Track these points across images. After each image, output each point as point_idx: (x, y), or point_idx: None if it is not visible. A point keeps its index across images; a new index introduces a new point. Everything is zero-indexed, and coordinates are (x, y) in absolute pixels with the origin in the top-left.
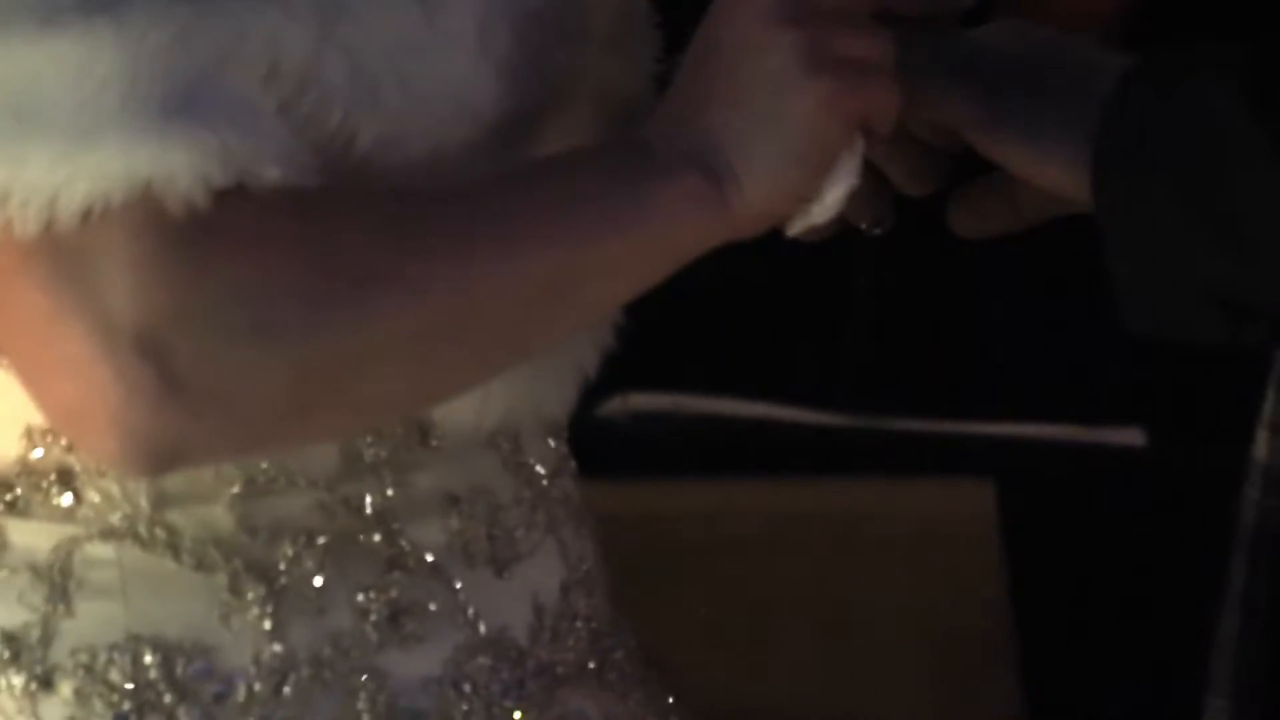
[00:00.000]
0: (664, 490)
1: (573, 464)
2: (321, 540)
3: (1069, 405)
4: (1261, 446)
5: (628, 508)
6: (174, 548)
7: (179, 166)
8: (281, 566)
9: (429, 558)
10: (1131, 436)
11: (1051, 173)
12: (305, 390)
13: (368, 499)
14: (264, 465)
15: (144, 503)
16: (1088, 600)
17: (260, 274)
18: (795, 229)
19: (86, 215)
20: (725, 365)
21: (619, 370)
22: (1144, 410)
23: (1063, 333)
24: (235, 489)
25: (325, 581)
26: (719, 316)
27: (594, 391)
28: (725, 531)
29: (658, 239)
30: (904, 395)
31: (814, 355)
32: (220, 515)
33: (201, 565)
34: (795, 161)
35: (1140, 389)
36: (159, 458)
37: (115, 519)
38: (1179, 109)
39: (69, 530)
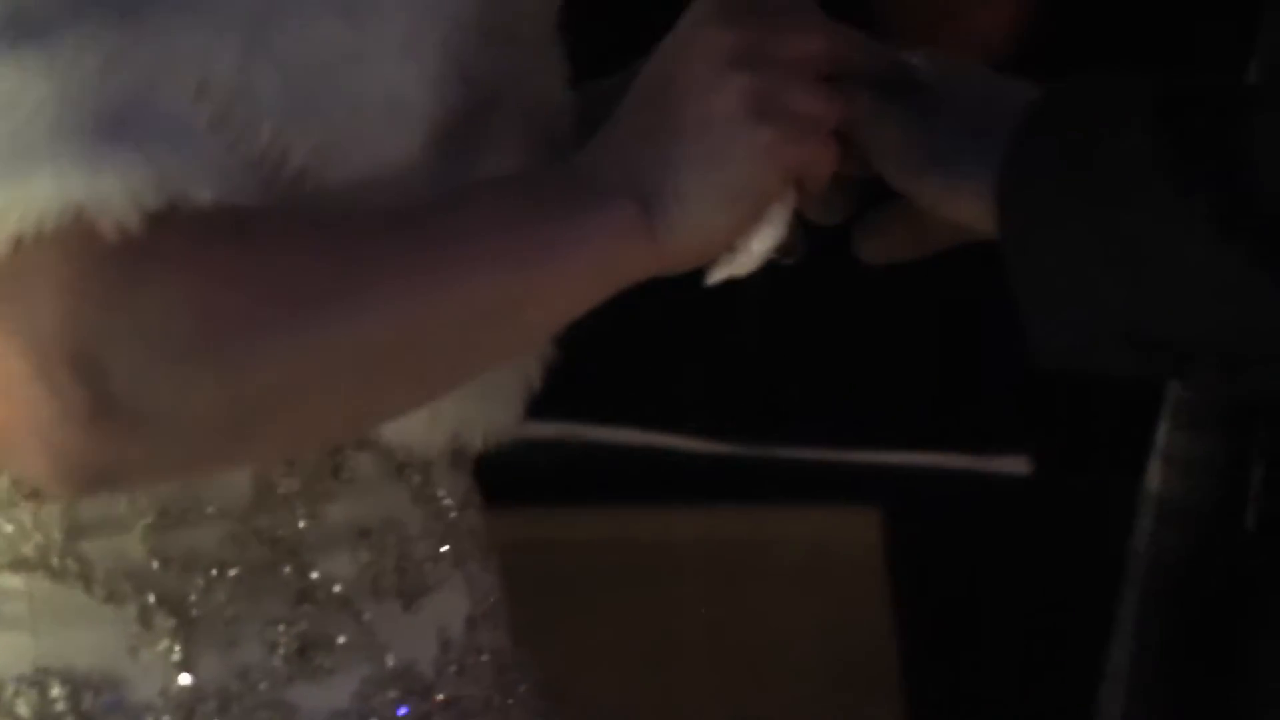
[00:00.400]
0: (554, 519)
1: (479, 497)
2: (233, 572)
3: (955, 433)
4: (1154, 477)
5: (518, 536)
6: (85, 579)
7: (112, 191)
8: (193, 598)
9: (338, 590)
10: (1017, 465)
11: (959, 204)
12: (241, 414)
13: (280, 530)
14: (177, 496)
15: (57, 533)
16: (974, 629)
17: (195, 297)
18: (717, 277)
19: (19, 241)
20: (615, 393)
21: None
22: (1031, 439)
23: (949, 361)
24: (148, 519)
25: (236, 613)
26: (608, 344)
27: None
28: (616, 560)
29: (593, 265)
30: (792, 423)
31: (703, 383)
32: (133, 546)
33: (112, 597)
34: (728, 204)
35: (1027, 417)
36: (91, 479)
37: (27, 549)
38: (1083, 142)
39: None
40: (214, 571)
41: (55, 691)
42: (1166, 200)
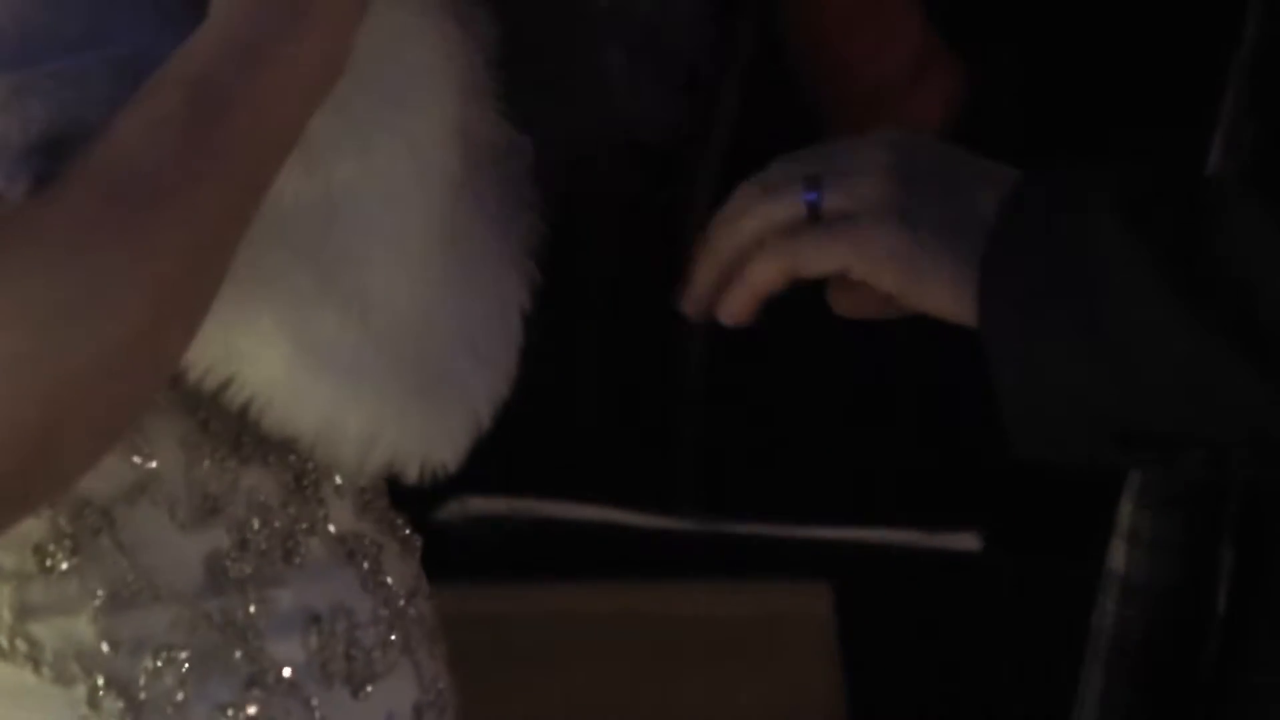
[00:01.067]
0: (503, 594)
1: (427, 586)
2: (183, 655)
3: (905, 509)
4: (1119, 557)
5: (466, 611)
6: (35, 660)
7: None
8: (142, 681)
9: (288, 674)
10: (967, 541)
11: (939, 300)
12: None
13: (231, 614)
14: (129, 578)
15: (6, 614)
16: (925, 705)
17: None
18: None
19: None
20: (564, 469)
21: (455, 474)
22: (982, 515)
23: (900, 437)
24: (98, 601)
25: (185, 697)
26: (555, 420)
27: (430, 496)
28: (566, 636)
29: None
30: (742, 499)
31: (650, 459)
32: (83, 628)
33: (61, 678)
34: None
35: (978, 494)
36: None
37: None
38: (1062, 237)
39: None
40: (164, 654)
41: None
42: (1143, 295)
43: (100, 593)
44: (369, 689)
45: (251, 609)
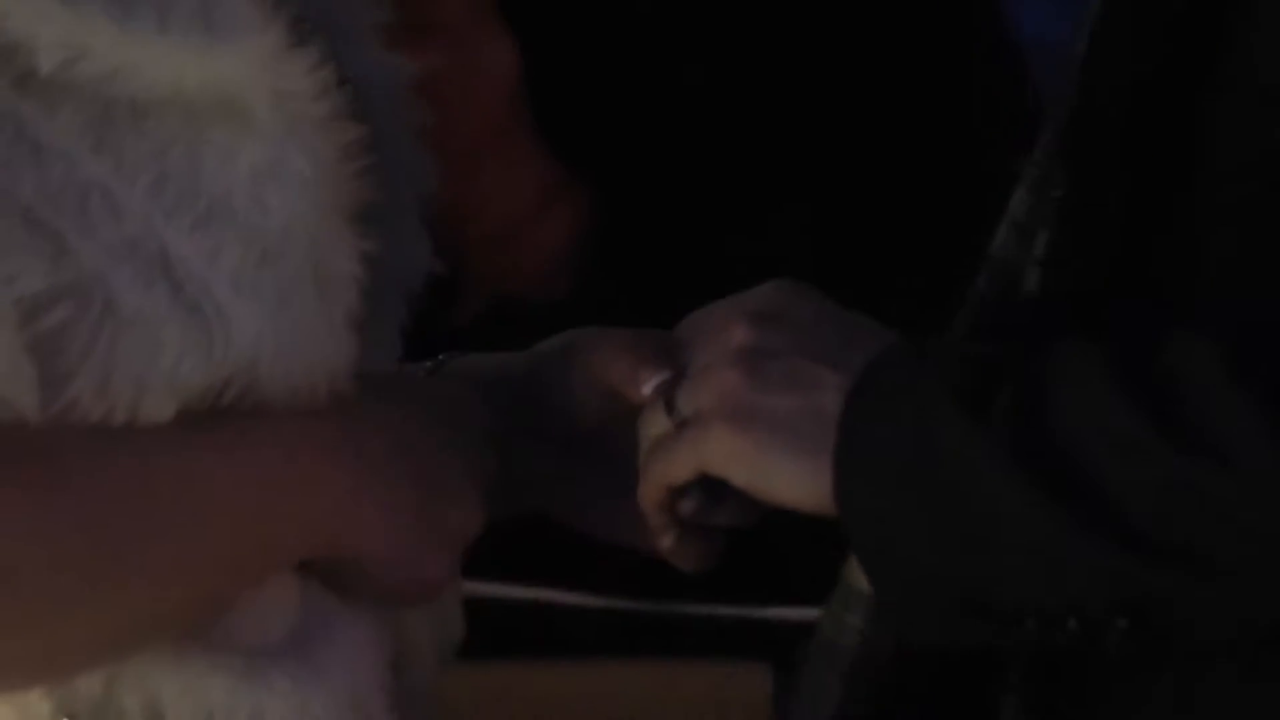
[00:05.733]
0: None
1: None
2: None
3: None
4: None
5: None
6: None
7: None
8: None
9: None
10: None
11: (782, 490)
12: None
13: None
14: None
15: None
16: None
17: (12, 528)
18: None
19: None
20: (504, 549)
21: None
22: None
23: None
24: None
25: None
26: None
27: None
28: (503, 716)
29: None
30: (682, 579)
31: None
32: (37, 702)
33: None
34: None
35: None
36: None
37: None
38: (903, 430)
39: None
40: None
41: None
42: (988, 478)
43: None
44: None
45: None
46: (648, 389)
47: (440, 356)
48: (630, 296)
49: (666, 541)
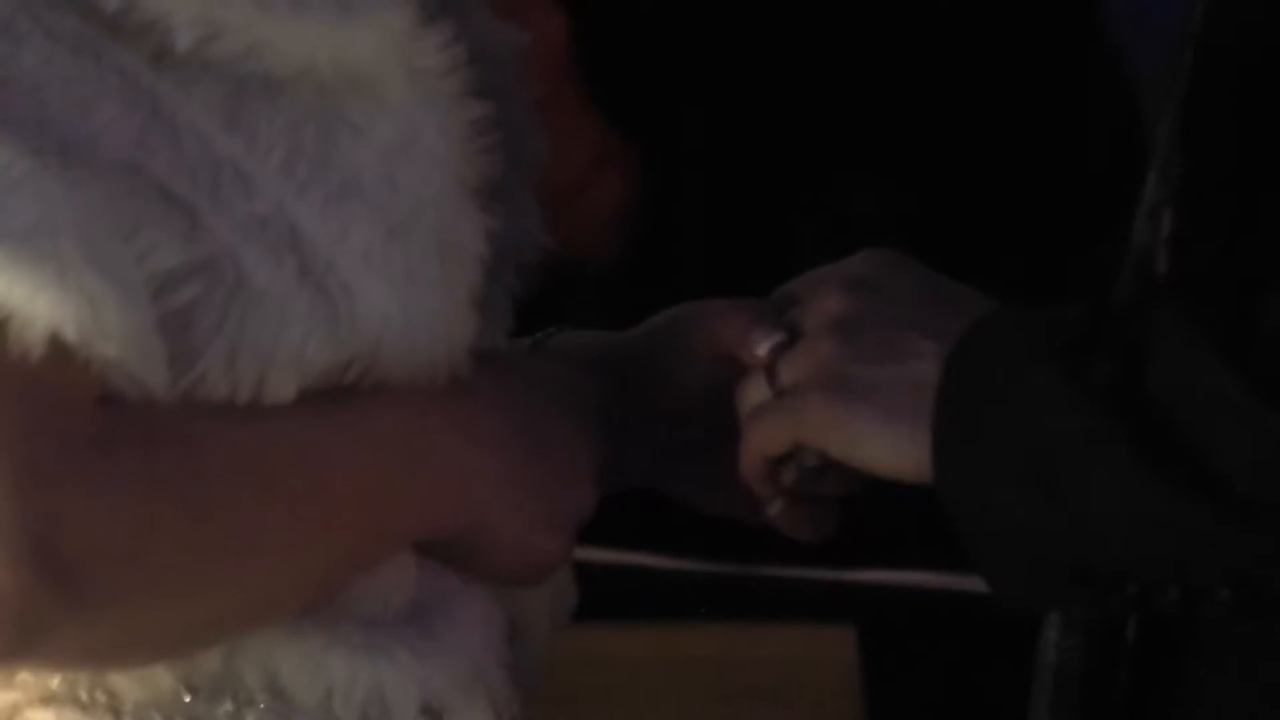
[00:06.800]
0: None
1: None
2: (261, 700)
3: (930, 552)
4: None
5: None
6: (115, 711)
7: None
8: None
9: None
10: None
11: (878, 459)
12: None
13: None
14: None
15: None
16: None
17: (140, 514)
18: None
19: None
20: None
21: None
22: None
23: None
24: None
25: None
26: None
27: None
28: (590, 679)
29: None
30: (766, 542)
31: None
32: (161, 675)
33: None
34: None
35: None
36: (24, 645)
37: (55, 684)
38: (1002, 395)
39: (9, 697)
40: (242, 695)
41: None
42: (1088, 442)
43: None
44: None
45: None
46: (762, 350)
47: (549, 330)
48: (684, 261)
49: (774, 511)
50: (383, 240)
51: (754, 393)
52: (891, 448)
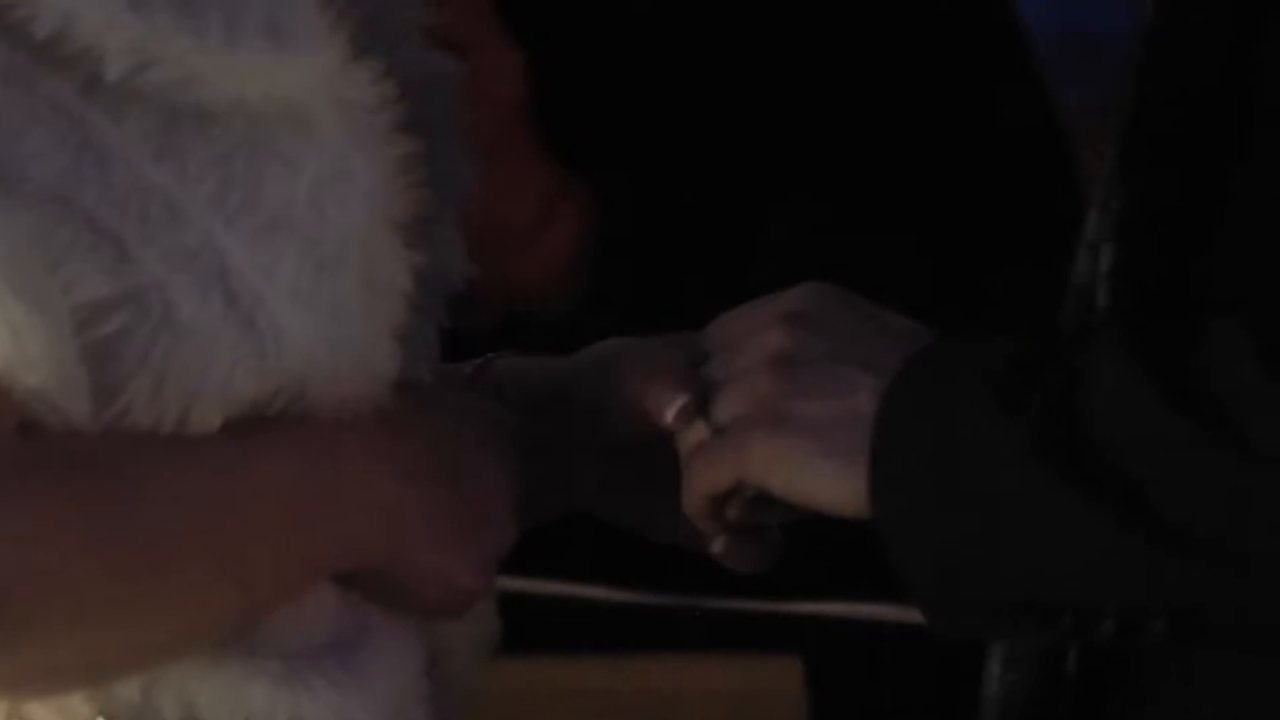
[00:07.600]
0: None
1: None
2: None
3: (877, 584)
4: None
5: None
6: None
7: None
8: None
9: None
10: None
11: (819, 495)
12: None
13: None
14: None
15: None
16: None
17: (62, 537)
18: None
19: None
20: (529, 543)
21: None
22: None
23: None
24: None
25: None
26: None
27: None
28: (533, 712)
29: None
30: (712, 573)
31: (622, 533)
32: (78, 705)
33: None
34: None
35: None
36: None
37: None
38: (938, 428)
39: None
40: None
41: None
42: (1024, 473)
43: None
44: None
45: None
46: (670, 415)
47: (488, 356)
48: (640, 297)
49: (718, 546)
50: (311, 274)
51: (692, 432)
52: (832, 483)
